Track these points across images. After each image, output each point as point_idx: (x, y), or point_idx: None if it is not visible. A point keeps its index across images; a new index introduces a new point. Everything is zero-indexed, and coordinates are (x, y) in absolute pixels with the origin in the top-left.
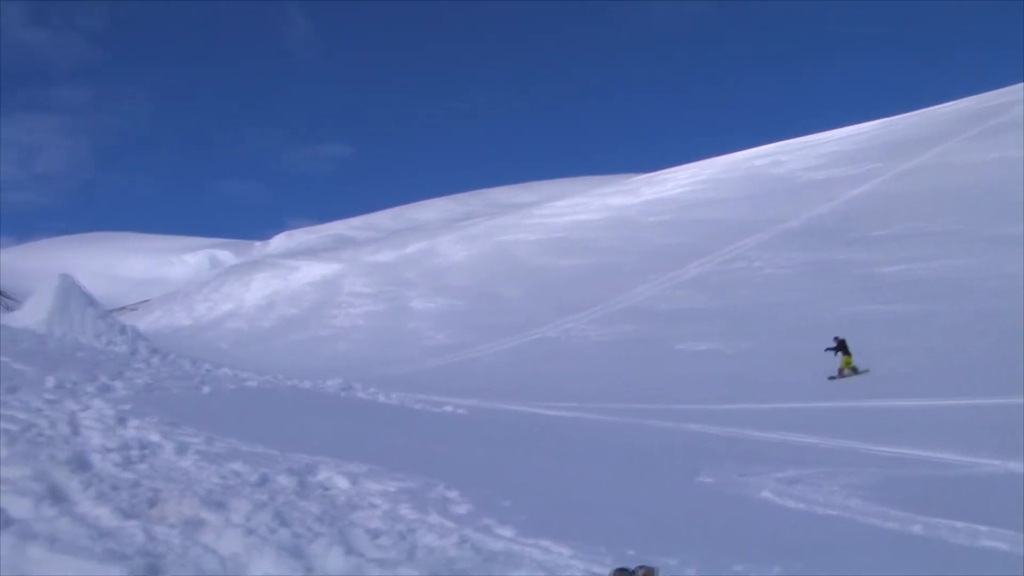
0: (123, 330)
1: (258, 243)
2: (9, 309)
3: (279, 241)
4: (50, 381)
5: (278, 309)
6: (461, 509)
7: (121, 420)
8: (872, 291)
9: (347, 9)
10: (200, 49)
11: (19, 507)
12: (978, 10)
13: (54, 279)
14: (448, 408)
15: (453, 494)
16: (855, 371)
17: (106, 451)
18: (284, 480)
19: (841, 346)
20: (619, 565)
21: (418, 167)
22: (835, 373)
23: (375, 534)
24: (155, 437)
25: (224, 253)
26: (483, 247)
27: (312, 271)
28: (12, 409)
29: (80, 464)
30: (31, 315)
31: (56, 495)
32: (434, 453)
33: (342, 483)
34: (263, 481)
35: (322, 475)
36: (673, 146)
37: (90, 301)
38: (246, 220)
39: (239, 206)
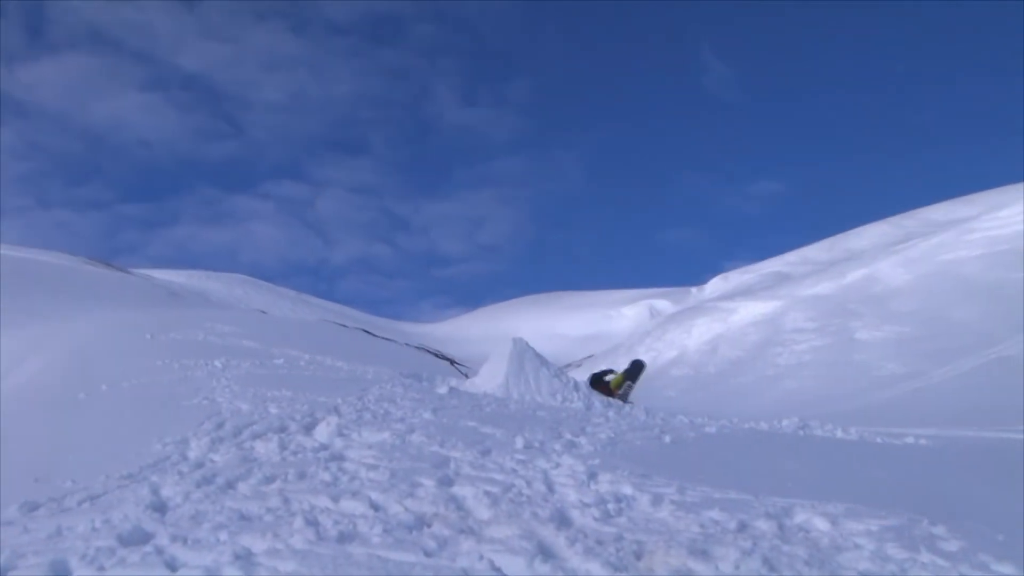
0: (576, 386)
1: (694, 289)
2: (466, 376)
3: (715, 284)
4: (519, 442)
5: (721, 352)
6: (952, 546)
7: (592, 475)
8: None
9: (757, 47)
10: (623, 105)
11: (514, 566)
12: None
13: (508, 343)
14: (910, 439)
15: (939, 530)
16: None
17: (584, 506)
18: (763, 525)
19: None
20: None
21: (847, 195)
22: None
23: None
24: (628, 490)
25: (662, 302)
26: (926, 268)
27: (751, 311)
28: (489, 471)
29: (562, 520)
30: (489, 380)
31: (546, 552)
32: (908, 487)
33: (822, 524)
34: (742, 527)
35: (800, 517)
36: None
37: (543, 362)
38: (680, 266)
39: (672, 253)
